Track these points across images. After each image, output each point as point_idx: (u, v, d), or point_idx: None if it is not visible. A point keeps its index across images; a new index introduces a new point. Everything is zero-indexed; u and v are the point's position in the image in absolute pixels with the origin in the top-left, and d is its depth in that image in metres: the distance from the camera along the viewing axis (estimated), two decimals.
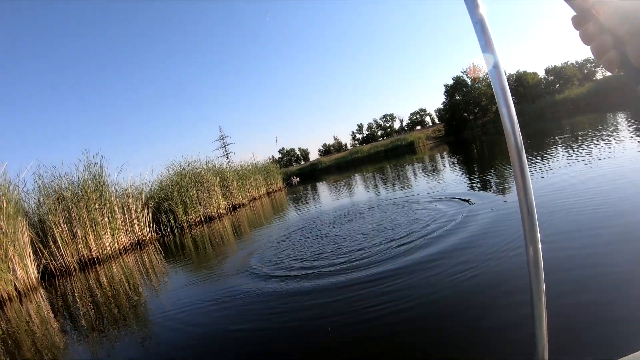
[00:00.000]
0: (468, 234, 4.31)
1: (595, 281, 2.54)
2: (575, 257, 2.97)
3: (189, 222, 15.91)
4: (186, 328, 3.73)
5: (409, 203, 7.27)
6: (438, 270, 3.45)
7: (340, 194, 14.01)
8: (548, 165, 7.46)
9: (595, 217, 3.78)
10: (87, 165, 12.22)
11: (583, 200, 4.45)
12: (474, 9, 0.65)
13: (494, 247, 3.69)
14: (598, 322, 2.09)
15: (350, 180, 19.13)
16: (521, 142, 0.69)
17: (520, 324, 2.22)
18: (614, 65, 0.51)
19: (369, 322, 2.80)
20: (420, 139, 50.76)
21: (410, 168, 17.33)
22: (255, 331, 3.25)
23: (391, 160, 30.61)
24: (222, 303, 4.22)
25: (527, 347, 1.92)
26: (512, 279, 2.89)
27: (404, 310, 2.84)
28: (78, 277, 9.10)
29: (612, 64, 0.51)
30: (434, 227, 4.99)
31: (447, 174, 11.32)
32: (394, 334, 2.55)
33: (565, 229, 3.63)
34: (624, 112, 17.02)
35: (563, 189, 5.19)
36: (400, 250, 4.36)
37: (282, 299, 3.85)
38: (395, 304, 2.98)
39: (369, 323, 2.79)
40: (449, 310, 2.69)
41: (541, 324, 0.79)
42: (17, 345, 4.54)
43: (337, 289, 3.66)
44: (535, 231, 0.73)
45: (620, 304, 2.22)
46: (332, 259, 4.77)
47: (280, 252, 5.95)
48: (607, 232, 3.31)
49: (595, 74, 48.30)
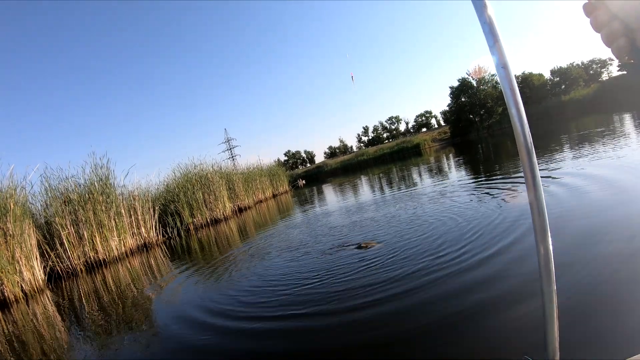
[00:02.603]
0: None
1: (604, 282, 2.52)
2: (585, 258, 2.93)
3: (195, 224, 15.90)
4: (192, 330, 3.69)
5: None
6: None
7: (347, 195, 13.95)
8: (556, 165, 7.38)
9: (605, 220, 3.72)
10: (93, 167, 12.25)
11: (590, 202, 4.40)
12: (482, 9, 0.66)
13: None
14: (606, 323, 2.07)
15: (356, 183, 19.07)
16: (531, 142, 0.71)
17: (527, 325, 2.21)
18: (624, 52, 0.51)
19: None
20: (426, 141, 50.66)
21: (416, 170, 17.24)
22: (262, 333, 3.20)
23: (397, 162, 30.54)
24: (228, 305, 4.19)
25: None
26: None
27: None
28: (84, 279, 9.10)
29: (621, 51, 0.51)
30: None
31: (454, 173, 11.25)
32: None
33: (574, 232, 3.58)
34: (630, 113, 16.86)
35: (571, 191, 5.14)
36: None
37: (291, 300, 3.81)
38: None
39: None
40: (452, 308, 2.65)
41: (552, 324, 0.81)
42: (24, 347, 4.53)
43: (350, 292, 3.62)
44: (546, 231, 0.74)
45: (629, 304, 2.21)
46: (350, 261, 4.73)
47: (285, 252, 5.92)
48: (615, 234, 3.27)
49: (601, 75, 47.89)
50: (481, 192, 6.90)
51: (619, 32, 0.50)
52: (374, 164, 42.88)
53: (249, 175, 23.12)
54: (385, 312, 2.93)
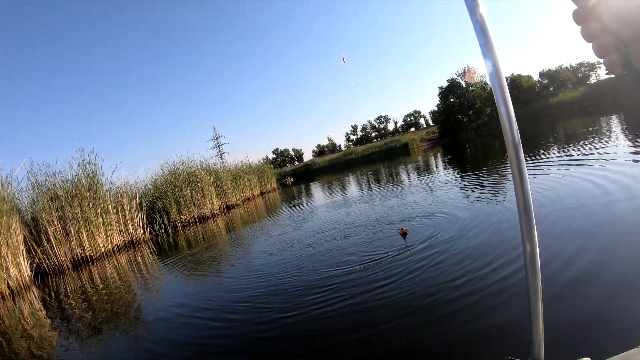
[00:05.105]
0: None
1: (589, 281, 2.59)
2: (570, 257, 3.02)
3: (183, 221, 15.91)
4: (179, 326, 3.80)
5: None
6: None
7: (334, 193, 14.08)
8: (543, 166, 7.57)
9: (590, 220, 3.82)
10: (81, 163, 12.21)
11: (578, 202, 4.50)
12: (474, 8, 0.66)
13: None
14: (592, 321, 2.14)
15: (344, 181, 19.22)
16: (519, 139, 0.71)
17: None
18: (617, 67, 0.50)
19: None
20: (414, 140, 50.83)
21: (404, 169, 17.41)
22: (248, 326, 3.33)
23: (385, 161, 30.69)
24: (215, 301, 4.31)
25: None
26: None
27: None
28: (71, 275, 9.11)
29: (614, 66, 0.49)
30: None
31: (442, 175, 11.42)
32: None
33: (560, 231, 3.70)
34: (618, 115, 17.21)
35: (558, 191, 5.26)
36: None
37: (274, 294, 3.93)
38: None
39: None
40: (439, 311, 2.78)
41: (537, 320, 0.81)
42: (9, 344, 4.58)
43: (332, 282, 3.75)
44: (532, 228, 0.74)
45: (615, 302, 2.28)
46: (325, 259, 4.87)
47: (272, 248, 6.06)
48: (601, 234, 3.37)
49: (589, 78, 48.58)
50: (467, 188, 7.08)
51: (611, 46, 0.49)
52: (362, 162, 43.02)
53: (237, 172, 23.13)
54: (361, 302, 3.09)
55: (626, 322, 2.06)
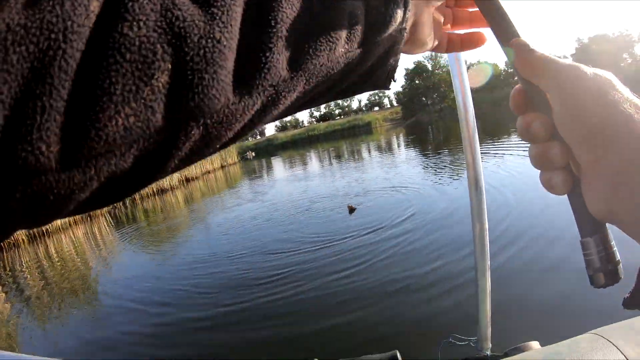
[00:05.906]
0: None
1: (540, 267, 2.75)
2: (525, 243, 3.19)
3: (140, 193, 15.53)
4: (137, 301, 3.83)
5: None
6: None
7: (295, 168, 14.14)
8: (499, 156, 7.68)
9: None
10: None
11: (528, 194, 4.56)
12: None
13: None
14: (543, 306, 2.29)
15: (305, 156, 19.32)
16: (474, 122, 0.68)
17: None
18: (558, 192, 0.29)
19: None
20: (377, 120, 51.11)
21: (365, 147, 17.59)
22: (205, 305, 3.45)
23: (347, 139, 30.80)
24: (173, 274, 4.42)
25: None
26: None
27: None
28: (27, 249, 8.81)
29: (555, 190, 0.29)
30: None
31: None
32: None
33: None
34: None
35: (511, 180, 5.36)
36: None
37: (232, 270, 4.07)
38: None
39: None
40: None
41: (485, 300, 0.80)
42: None
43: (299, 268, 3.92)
44: (483, 209, 0.74)
45: (568, 290, 2.37)
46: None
47: (228, 222, 6.14)
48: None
49: None
50: (426, 167, 7.35)
51: (557, 162, 0.28)
52: (324, 139, 42.95)
53: None
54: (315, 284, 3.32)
55: (577, 309, 2.16)
